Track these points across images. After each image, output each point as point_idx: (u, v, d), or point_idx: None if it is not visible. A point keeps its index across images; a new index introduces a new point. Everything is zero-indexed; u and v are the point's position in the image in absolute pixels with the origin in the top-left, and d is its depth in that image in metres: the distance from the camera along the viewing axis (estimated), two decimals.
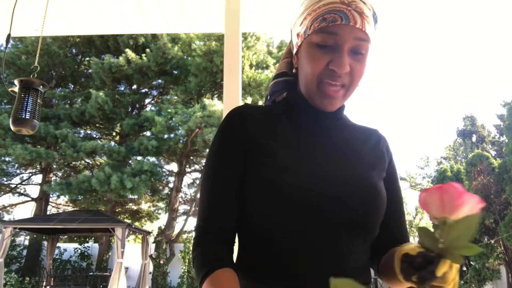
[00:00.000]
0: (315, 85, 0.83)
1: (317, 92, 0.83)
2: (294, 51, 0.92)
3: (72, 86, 17.55)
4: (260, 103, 12.87)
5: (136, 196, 15.53)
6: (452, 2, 2.51)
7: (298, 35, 0.88)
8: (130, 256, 13.11)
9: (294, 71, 0.94)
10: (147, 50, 14.99)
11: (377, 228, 0.81)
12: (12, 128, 2.06)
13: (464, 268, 11.62)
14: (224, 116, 1.08)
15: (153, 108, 17.16)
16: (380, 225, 0.82)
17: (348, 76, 0.81)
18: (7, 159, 15.35)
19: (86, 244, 15.89)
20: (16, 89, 2.10)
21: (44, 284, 11.63)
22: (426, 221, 12.63)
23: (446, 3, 2.52)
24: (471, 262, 11.74)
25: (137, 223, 17.36)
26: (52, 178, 16.92)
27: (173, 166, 17.09)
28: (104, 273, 12.80)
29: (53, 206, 18.32)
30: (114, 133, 17.39)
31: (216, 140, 0.87)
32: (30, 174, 17.66)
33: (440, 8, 2.56)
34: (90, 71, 16.49)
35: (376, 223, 0.80)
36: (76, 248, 15.54)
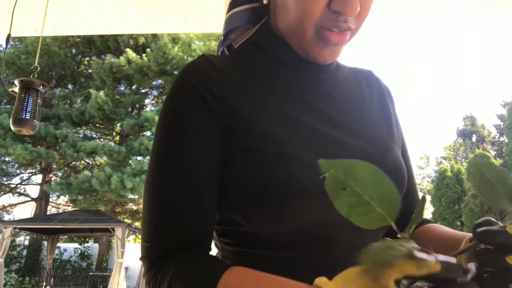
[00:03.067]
0: (311, 32, 0.58)
1: (314, 40, 0.59)
2: None
3: (72, 86, 17.55)
4: None
5: (136, 196, 15.54)
6: (452, 2, 2.51)
7: None
8: (130, 256, 13.11)
9: (265, 1, 0.66)
10: (148, 50, 14.99)
11: None
12: (12, 128, 2.07)
13: None
14: None
15: (153, 108, 17.17)
16: None
17: (355, 17, 0.58)
18: (7, 159, 15.35)
19: (86, 244, 15.90)
20: (16, 89, 2.10)
21: (44, 284, 11.63)
22: None
23: (446, 4, 2.52)
24: None
25: (137, 223, 17.35)
26: (52, 178, 16.92)
27: None
28: (104, 273, 12.80)
29: (53, 206, 18.32)
30: (114, 133, 17.39)
31: (171, 116, 0.56)
32: (30, 174, 17.67)
33: (440, 9, 2.56)
34: (90, 71, 16.49)
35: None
36: (76, 248, 15.54)
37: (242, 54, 0.67)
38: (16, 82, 2.11)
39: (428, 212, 13.80)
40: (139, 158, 14.45)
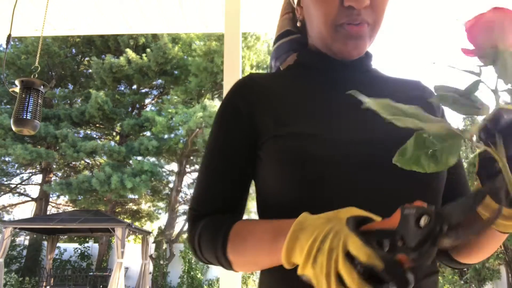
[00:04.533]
0: (332, 30, 0.67)
1: (336, 37, 0.67)
2: (295, 0, 0.77)
3: (72, 86, 17.55)
4: None
5: (136, 196, 15.53)
6: (452, 2, 2.51)
7: None
8: (130, 256, 13.10)
9: (298, 24, 0.78)
10: (148, 50, 14.99)
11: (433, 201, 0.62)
12: (13, 128, 2.06)
13: (464, 268, 11.63)
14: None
15: (153, 108, 17.17)
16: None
17: (370, 11, 0.65)
18: (7, 159, 15.35)
19: (86, 244, 15.88)
20: (17, 89, 2.10)
21: (44, 284, 11.63)
22: None
23: (446, 4, 2.52)
24: None
25: (137, 223, 17.35)
26: (52, 178, 16.91)
27: (173, 166, 17.11)
28: (104, 273, 12.79)
29: (53, 206, 18.31)
30: (114, 133, 17.39)
31: (215, 121, 0.74)
32: (30, 174, 17.66)
33: (440, 8, 2.56)
34: (90, 71, 16.49)
35: (428, 196, 0.61)
36: (76, 248, 15.53)
37: (285, 71, 0.81)
38: (16, 82, 2.11)
39: None
40: (139, 158, 14.44)
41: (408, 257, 0.36)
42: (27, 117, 2.02)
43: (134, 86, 16.91)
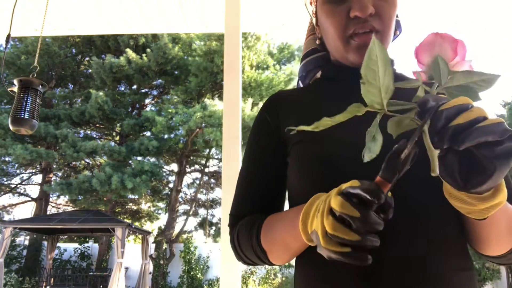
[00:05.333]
0: (344, 41, 0.74)
1: (349, 48, 0.74)
2: (314, 21, 0.85)
3: (72, 86, 17.54)
4: (261, 104, 12.83)
5: (136, 196, 15.52)
6: (451, 5, 2.51)
7: (310, 2, 0.84)
8: (130, 256, 13.11)
9: (317, 42, 0.87)
10: (148, 50, 14.98)
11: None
12: (11, 127, 2.06)
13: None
14: (223, 115, 1.03)
15: (153, 108, 17.16)
16: None
17: (377, 18, 0.71)
18: (7, 159, 15.36)
19: (86, 244, 15.88)
20: (15, 89, 2.09)
21: (44, 284, 11.64)
22: None
23: (447, 3, 2.52)
24: None
25: (137, 223, 17.35)
26: (52, 178, 16.91)
27: (173, 166, 17.11)
28: (104, 273, 12.79)
29: (53, 206, 18.31)
30: (114, 133, 17.38)
31: (250, 134, 0.86)
32: (30, 174, 17.66)
33: (440, 7, 2.56)
34: (90, 71, 16.48)
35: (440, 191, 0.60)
36: (76, 248, 15.52)
37: (311, 85, 0.89)
38: (15, 81, 2.10)
39: None
40: (139, 158, 14.44)
41: (380, 177, 0.47)
42: (25, 117, 2.01)
43: (134, 86, 16.90)
